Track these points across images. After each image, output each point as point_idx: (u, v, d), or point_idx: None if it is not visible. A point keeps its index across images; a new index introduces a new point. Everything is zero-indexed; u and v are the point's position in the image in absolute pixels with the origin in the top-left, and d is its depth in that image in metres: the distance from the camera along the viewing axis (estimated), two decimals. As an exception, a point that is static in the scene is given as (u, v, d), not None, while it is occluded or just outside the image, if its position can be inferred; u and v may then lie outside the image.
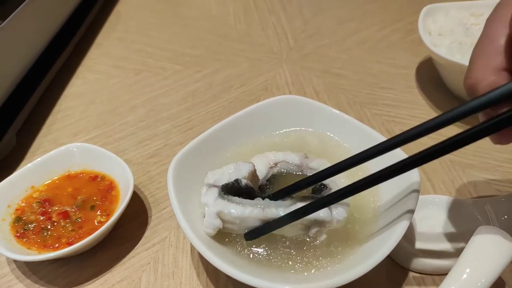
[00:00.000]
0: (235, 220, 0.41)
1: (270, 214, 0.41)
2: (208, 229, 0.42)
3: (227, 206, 0.41)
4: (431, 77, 0.72)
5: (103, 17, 0.95)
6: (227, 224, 0.42)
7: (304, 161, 0.47)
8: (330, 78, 0.74)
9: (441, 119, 0.33)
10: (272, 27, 0.90)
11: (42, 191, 0.51)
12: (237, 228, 0.42)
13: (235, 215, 0.41)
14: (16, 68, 0.65)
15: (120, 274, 0.46)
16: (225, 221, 0.42)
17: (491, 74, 0.31)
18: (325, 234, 0.42)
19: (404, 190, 0.43)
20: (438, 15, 0.69)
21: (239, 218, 0.41)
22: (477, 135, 0.31)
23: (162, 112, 0.68)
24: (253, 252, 0.42)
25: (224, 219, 0.41)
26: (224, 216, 0.41)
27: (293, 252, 0.41)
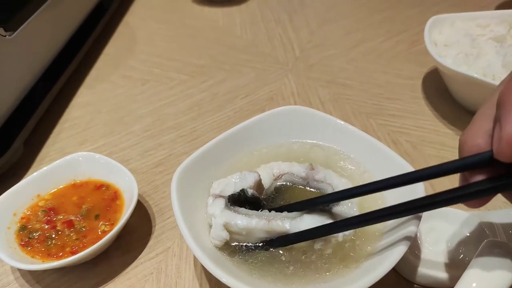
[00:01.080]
0: (241, 231, 0.41)
1: (275, 226, 0.41)
2: (215, 240, 0.42)
3: (234, 218, 0.41)
4: (437, 88, 0.72)
5: (111, 27, 0.97)
6: (233, 235, 0.42)
7: (310, 173, 0.47)
8: (335, 89, 0.74)
9: (419, 175, 0.36)
10: (278, 38, 0.91)
11: (47, 200, 0.52)
12: (243, 239, 0.42)
13: (241, 226, 0.41)
14: (25, 78, 0.67)
15: (123, 284, 0.46)
16: (231, 232, 0.42)
17: (479, 137, 0.32)
18: (331, 248, 0.42)
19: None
20: (444, 26, 0.69)
21: (245, 229, 0.41)
22: (447, 202, 0.34)
23: (168, 121, 0.68)
24: (256, 265, 0.41)
25: (231, 230, 0.42)
26: (231, 228, 0.41)
27: (296, 265, 0.41)
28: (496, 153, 0.29)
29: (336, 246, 0.42)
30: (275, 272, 0.41)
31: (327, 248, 0.41)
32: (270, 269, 0.41)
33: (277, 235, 0.41)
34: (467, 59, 0.60)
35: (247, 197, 0.43)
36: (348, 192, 0.41)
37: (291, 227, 0.41)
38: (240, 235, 0.42)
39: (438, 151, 0.60)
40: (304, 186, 0.47)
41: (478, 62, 0.59)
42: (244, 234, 0.41)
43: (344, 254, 0.42)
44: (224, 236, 0.41)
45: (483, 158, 0.31)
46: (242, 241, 0.42)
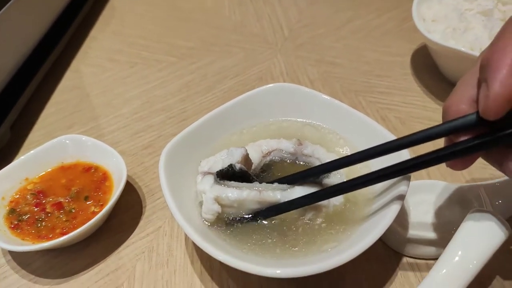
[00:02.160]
0: (233, 203, 0.41)
1: (267, 196, 0.41)
2: (207, 215, 0.42)
3: (224, 191, 0.41)
4: (426, 64, 0.72)
5: (97, 10, 0.95)
6: (225, 209, 0.42)
7: (298, 148, 0.47)
8: (324, 67, 0.74)
9: (408, 140, 0.37)
10: (267, 18, 0.90)
11: (36, 183, 0.51)
12: (235, 211, 0.42)
13: (233, 198, 0.41)
14: (10, 61, 0.65)
15: (115, 263, 0.46)
16: (223, 206, 0.42)
17: (463, 103, 0.33)
18: (321, 218, 0.42)
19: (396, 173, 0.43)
20: (432, 1, 0.69)
21: (236, 201, 0.41)
22: (431, 162, 0.35)
23: (157, 103, 0.68)
24: (248, 238, 0.42)
25: (222, 203, 0.41)
26: (222, 201, 0.41)
27: (285, 239, 0.41)
28: (482, 112, 0.30)
29: (326, 217, 0.42)
30: (266, 244, 0.41)
31: (317, 218, 0.42)
32: (260, 242, 0.41)
33: (268, 205, 0.42)
34: (455, 33, 0.60)
35: (235, 172, 0.43)
36: (336, 162, 0.41)
37: (282, 197, 0.41)
38: (232, 207, 0.42)
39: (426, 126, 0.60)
40: (293, 161, 0.47)
41: (465, 36, 0.59)
42: (236, 207, 0.42)
43: (332, 225, 0.42)
44: (216, 209, 0.41)
45: (467, 120, 0.32)
46: (234, 214, 0.43)
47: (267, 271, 0.36)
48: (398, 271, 0.44)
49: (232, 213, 0.43)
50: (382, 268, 0.44)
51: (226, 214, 0.43)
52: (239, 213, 0.42)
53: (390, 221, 0.38)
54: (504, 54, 0.29)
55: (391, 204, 0.40)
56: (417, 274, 0.44)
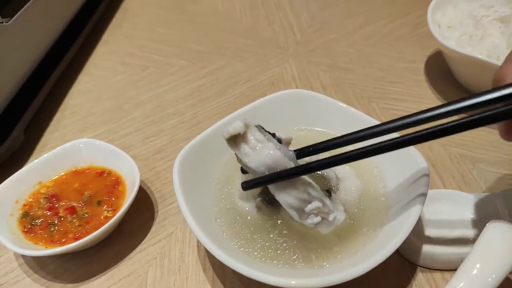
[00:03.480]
0: (256, 144, 0.40)
1: (283, 162, 0.40)
2: (229, 127, 0.40)
3: (255, 130, 0.40)
4: (440, 71, 0.71)
5: (109, 14, 0.95)
6: (245, 147, 0.40)
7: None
8: (337, 73, 0.73)
9: (449, 108, 0.33)
10: (278, 22, 0.89)
11: (49, 187, 0.51)
12: (248, 160, 0.40)
13: (258, 137, 0.40)
14: (24, 65, 0.66)
15: (127, 269, 0.46)
16: (245, 141, 0.40)
17: None
18: (319, 216, 0.41)
19: (413, 184, 0.42)
20: (447, 7, 0.68)
21: (259, 144, 0.39)
22: (479, 122, 0.32)
23: (168, 108, 0.68)
24: (260, 247, 0.41)
25: (247, 136, 0.40)
26: (249, 131, 0.40)
27: (299, 245, 0.41)
28: None
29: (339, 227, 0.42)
30: (280, 253, 0.41)
31: (320, 226, 0.41)
32: (275, 251, 0.41)
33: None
34: (471, 40, 0.59)
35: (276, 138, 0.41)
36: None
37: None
38: (252, 149, 0.40)
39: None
40: None
41: (482, 43, 0.58)
42: (253, 153, 0.39)
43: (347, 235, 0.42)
44: (239, 128, 0.39)
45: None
46: (245, 163, 0.40)
47: (282, 281, 0.36)
48: (413, 282, 0.44)
49: (244, 159, 0.40)
50: (397, 279, 0.44)
51: (240, 156, 0.40)
52: (250, 162, 0.40)
53: (408, 232, 0.38)
54: None
55: (408, 214, 0.39)
56: (432, 286, 0.43)
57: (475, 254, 0.37)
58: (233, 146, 0.41)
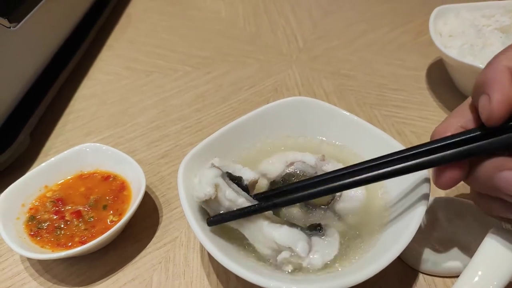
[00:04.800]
0: (225, 201, 0.40)
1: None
2: (199, 193, 0.41)
3: (225, 187, 0.41)
4: (442, 79, 0.72)
5: (114, 19, 0.96)
6: (214, 203, 0.41)
7: (320, 163, 0.47)
8: (339, 80, 0.74)
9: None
10: (281, 29, 0.90)
11: (55, 191, 0.52)
12: (220, 210, 0.41)
13: (229, 197, 0.40)
14: (29, 70, 0.67)
15: (132, 273, 0.47)
16: (215, 198, 0.41)
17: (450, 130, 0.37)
18: (291, 265, 0.40)
19: (414, 190, 0.43)
20: (448, 16, 0.69)
21: (230, 201, 0.40)
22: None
23: (173, 113, 0.69)
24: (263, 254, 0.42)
25: (218, 195, 0.41)
26: (219, 192, 0.41)
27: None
28: (486, 119, 0.33)
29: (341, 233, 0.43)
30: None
31: (288, 265, 0.40)
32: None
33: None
34: (473, 49, 0.60)
35: (240, 185, 0.42)
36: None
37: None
38: (221, 205, 0.41)
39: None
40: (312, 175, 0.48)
41: (483, 52, 0.59)
42: (226, 206, 0.41)
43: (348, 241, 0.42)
44: (211, 193, 0.40)
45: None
46: (213, 212, 0.41)
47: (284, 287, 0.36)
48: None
49: (213, 210, 0.42)
50: (398, 285, 0.44)
51: (208, 208, 0.42)
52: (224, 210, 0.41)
53: (409, 239, 0.38)
54: (497, 70, 0.34)
55: (409, 221, 0.40)
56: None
57: (477, 261, 0.37)
58: (205, 205, 0.42)
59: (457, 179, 0.36)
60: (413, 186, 0.43)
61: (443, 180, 0.36)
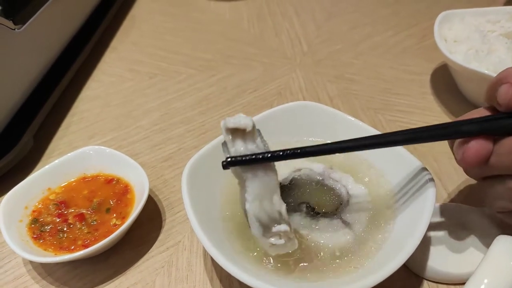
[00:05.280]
0: (254, 150, 0.38)
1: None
2: (239, 120, 0.38)
3: (258, 135, 0.39)
4: (446, 84, 0.71)
5: (118, 21, 0.96)
6: (241, 145, 0.38)
7: (328, 171, 0.47)
8: (343, 84, 0.74)
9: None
10: (285, 32, 0.90)
11: (58, 193, 0.52)
12: (240, 152, 0.38)
13: (260, 145, 0.39)
14: (34, 71, 0.67)
15: (135, 277, 0.47)
16: (245, 140, 0.38)
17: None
18: (283, 240, 0.40)
19: (420, 197, 0.43)
20: (453, 21, 0.69)
21: (257, 150, 0.38)
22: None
23: (176, 116, 0.68)
24: (267, 260, 0.42)
25: (249, 137, 0.38)
26: (253, 133, 0.39)
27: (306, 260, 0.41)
28: (507, 106, 0.35)
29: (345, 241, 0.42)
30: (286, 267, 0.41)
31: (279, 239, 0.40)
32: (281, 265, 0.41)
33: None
34: (478, 55, 0.60)
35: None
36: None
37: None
38: (247, 142, 0.38)
39: (447, 147, 0.60)
40: (318, 182, 0.47)
41: (489, 58, 0.59)
42: (250, 148, 0.38)
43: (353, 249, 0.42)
44: (249, 124, 0.37)
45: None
46: (238, 152, 0.38)
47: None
48: (420, 295, 0.44)
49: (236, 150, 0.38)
50: (403, 292, 0.44)
51: (235, 146, 0.38)
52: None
53: (414, 247, 0.38)
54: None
55: (414, 229, 0.39)
56: (438, 299, 0.43)
57: (483, 268, 0.37)
58: (229, 137, 0.38)
59: (482, 153, 0.36)
60: (419, 193, 0.43)
61: (469, 153, 0.36)
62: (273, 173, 0.39)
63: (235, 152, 0.38)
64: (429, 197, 0.41)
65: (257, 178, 0.38)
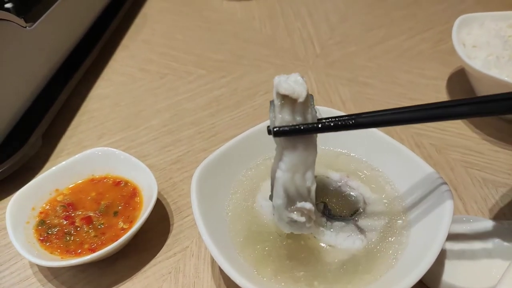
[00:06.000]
0: (306, 114, 0.36)
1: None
2: (295, 87, 0.35)
3: (312, 107, 0.37)
4: (463, 89, 0.69)
5: (129, 19, 0.96)
6: (290, 115, 0.36)
7: (345, 179, 0.46)
8: (356, 87, 0.72)
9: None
10: (297, 33, 0.89)
11: (66, 195, 0.51)
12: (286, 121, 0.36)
13: (313, 117, 0.37)
14: (44, 69, 0.66)
15: (141, 282, 0.46)
16: (294, 111, 0.36)
17: None
18: (304, 218, 0.39)
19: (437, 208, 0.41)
20: (472, 26, 0.67)
21: (309, 117, 0.36)
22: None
23: (186, 117, 0.68)
24: (276, 270, 0.40)
25: (300, 108, 0.36)
26: (307, 104, 0.36)
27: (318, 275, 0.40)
28: None
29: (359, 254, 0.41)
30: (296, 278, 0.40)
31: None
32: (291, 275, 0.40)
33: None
34: (499, 61, 0.58)
35: None
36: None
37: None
38: (297, 113, 0.36)
39: (463, 156, 0.59)
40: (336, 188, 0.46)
41: (510, 65, 0.57)
42: (298, 119, 0.36)
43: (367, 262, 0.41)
44: (303, 94, 0.35)
45: None
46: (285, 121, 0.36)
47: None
48: (434, 310, 0.42)
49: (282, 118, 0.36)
50: (416, 306, 0.43)
51: (283, 114, 0.36)
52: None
53: (432, 262, 0.37)
54: None
55: (431, 243, 0.38)
56: (453, 315, 0.42)
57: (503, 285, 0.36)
58: (278, 101, 0.36)
59: None
60: (435, 205, 0.42)
61: None
62: (313, 148, 0.37)
63: (281, 120, 0.36)
64: (447, 211, 0.40)
65: (296, 152, 0.36)
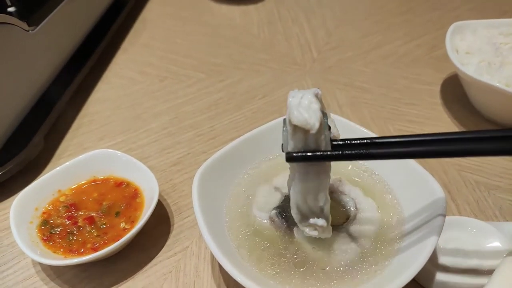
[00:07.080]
0: (320, 141, 0.35)
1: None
2: (308, 119, 0.35)
3: (326, 130, 0.36)
4: (456, 95, 0.71)
5: (129, 23, 0.97)
6: (301, 137, 0.35)
7: (337, 183, 0.47)
8: (353, 92, 0.74)
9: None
10: (295, 38, 0.90)
11: (68, 195, 0.52)
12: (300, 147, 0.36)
13: (327, 138, 0.36)
14: (46, 72, 0.67)
15: (142, 281, 0.47)
16: (308, 138, 0.35)
17: None
18: (316, 233, 0.40)
19: (430, 210, 0.43)
20: (465, 32, 0.68)
21: (322, 144, 0.36)
22: None
23: (186, 120, 0.69)
24: (276, 270, 0.42)
25: (313, 137, 0.35)
26: (320, 132, 0.35)
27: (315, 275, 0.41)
28: None
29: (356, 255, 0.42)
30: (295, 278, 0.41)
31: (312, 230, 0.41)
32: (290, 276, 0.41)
33: None
34: (490, 68, 0.60)
35: None
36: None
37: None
38: (309, 142, 0.35)
39: (456, 159, 0.60)
40: None
41: (501, 71, 0.59)
42: (312, 146, 0.35)
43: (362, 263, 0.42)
44: (316, 126, 0.34)
45: None
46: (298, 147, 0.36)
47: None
48: (427, 309, 0.44)
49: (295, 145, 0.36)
50: (410, 305, 0.44)
51: (294, 141, 0.35)
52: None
53: (424, 262, 0.38)
54: None
55: (424, 244, 0.39)
56: (446, 314, 0.43)
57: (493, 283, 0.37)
58: (290, 128, 0.36)
59: None
60: (428, 208, 0.43)
61: None
62: (325, 175, 0.38)
63: (293, 146, 0.36)
64: (440, 213, 0.41)
65: (308, 176, 0.37)
